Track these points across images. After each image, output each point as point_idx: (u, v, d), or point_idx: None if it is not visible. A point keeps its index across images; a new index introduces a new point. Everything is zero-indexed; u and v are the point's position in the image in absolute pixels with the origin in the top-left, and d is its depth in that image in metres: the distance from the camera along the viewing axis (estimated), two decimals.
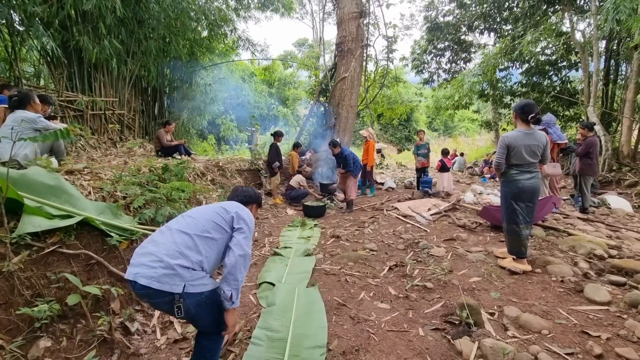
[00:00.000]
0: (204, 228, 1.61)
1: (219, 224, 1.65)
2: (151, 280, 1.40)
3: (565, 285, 2.75)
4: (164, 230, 1.62)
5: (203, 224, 1.63)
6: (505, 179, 3.12)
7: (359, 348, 2.14)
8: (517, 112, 3.05)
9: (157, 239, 1.56)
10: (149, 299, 1.49)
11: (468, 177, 11.18)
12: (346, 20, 8.76)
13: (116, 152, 6.37)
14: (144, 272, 1.42)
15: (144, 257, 1.47)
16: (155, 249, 1.49)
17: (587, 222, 4.77)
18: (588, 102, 9.41)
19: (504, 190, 3.15)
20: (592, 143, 5.21)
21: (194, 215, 1.69)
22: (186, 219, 1.67)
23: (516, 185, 3.01)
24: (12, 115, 3.09)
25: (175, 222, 1.68)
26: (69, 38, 6.11)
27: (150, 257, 1.46)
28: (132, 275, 1.43)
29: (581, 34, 10.71)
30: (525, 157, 2.97)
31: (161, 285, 1.40)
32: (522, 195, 3.00)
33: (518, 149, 2.97)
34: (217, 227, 1.64)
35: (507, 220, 3.15)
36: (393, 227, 4.90)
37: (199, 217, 1.67)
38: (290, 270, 3.33)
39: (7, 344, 1.63)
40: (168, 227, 1.64)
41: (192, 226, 1.61)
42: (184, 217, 1.70)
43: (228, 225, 1.67)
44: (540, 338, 2.11)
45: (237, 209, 1.74)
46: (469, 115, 26.08)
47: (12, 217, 2.00)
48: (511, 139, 2.99)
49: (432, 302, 2.67)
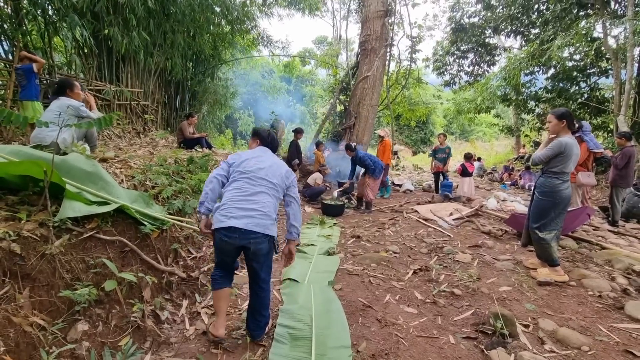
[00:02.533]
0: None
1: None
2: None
3: (604, 300, 2.63)
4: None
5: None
6: (549, 188, 2.99)
7: (389, 352, 2.09)
8: (567, 118, 2.92)
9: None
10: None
11: (487, 183, 10.93)
12: (371, 19, 8.66)
13: (140, 142, 6.48)
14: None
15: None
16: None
17: (619, 235, 4.58)
18: (618, 110, 9.04)
19: (545, 200, 3.02)
20: (631, 153, 4.98)
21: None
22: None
23: (560, 195, 2.92)
24: (56, 101, 3.17)
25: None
26: (100, 29, 6.24)
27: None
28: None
29: (614, 40, 10.30)
30: (571, 167, 2.90)
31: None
32: (562, 205, 2.91)
33: (570, 157, 2.87)
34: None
35: (542, 230, 3.04)
36: (414, 230, 4.82)
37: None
38: (314, 268, 3.30)
39: (48, 325, 1.65)
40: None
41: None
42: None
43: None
44: (581, 355, 2.02)
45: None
46: (488, 120, 25.53)
47: (53, 201, 2.04)
48: (569, 146, 2.86)
49: (462, 309, 2.59)
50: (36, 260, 1.74)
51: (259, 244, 1.95)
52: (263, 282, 2.10)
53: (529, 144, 14.80)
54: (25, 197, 2.01)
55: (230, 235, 1.92)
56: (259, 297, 2.11)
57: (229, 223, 1.91)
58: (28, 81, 4.09)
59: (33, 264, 1.72)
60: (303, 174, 7.89)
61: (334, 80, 11.89)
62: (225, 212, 1.96)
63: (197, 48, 8.72)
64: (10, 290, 1.60)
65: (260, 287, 2.10)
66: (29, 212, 1.89)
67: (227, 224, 1.91)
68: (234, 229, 1.91)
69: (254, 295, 2.12)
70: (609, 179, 5.21)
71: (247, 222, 1.92)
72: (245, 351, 2.06)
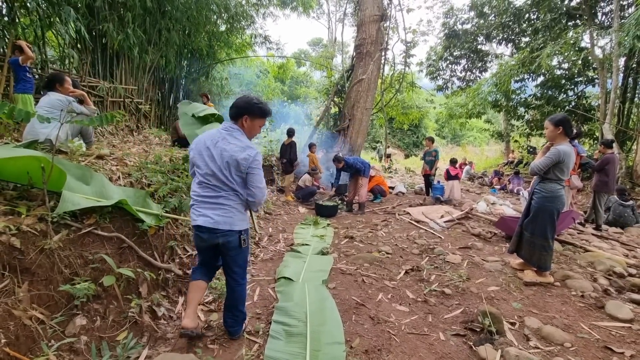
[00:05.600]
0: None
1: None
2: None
3: (586, 300, 2.75)
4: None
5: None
6: (550, 194, 2.99)
7: (381, 348, 2.16)
8: (564, 125, 2.91)
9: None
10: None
11: (478, 187, 11.15)
12: (367, 23, 8.78)
13: (134, 140, 6.44)
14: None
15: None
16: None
17: (602, 239, 4.75)
18: (604, 118, 9.35)
19: (547, 206, 3.01)
20: (609, 160, 5.19)
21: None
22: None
23: (560, 200, 2.98)
24: (45, 97, 3.14)
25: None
26: (94, 24, 6.19)
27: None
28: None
29: (601, 50, 10.66)
30: (567, 174, 2.97)
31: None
32: (561, 209, 3.00)
33: (567, 164, 2.91)
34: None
35: (543, 236, 3.05)
36: (406, 231, 4.91)
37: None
38: (309, 267, 3.35)
39: (47, 319, 1.67)
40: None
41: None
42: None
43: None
44: (563, 351, 2.12)
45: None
46: (479, 125, 25.96)
47: (52, 196, 2.04)
48: (567, 154, 2.88)
49: (451, 308, 2.68)
50: (35, 254, 1.76)
51: (227, 237, 1.94)
52: (237, 275, 2.09)
53: (518, 150, 15.14)
54: (24, 192, 2.01)
55: (199, 234, 1.95)
56: (235, 291, 2.11)
57: (197, 222, 1.92)
58: (16, 74, 4.05)
59: (32, 258, 1.74)
60: (297, 176, 7.92)
61: (329, 82, 11.99)
62: (194, 209, 1.97)
63: (192, 46, 8.71)
64: (9, 284, 1.61)
65: (235, 281, 2.09)
66: (28, 206, 1.90)
67: (196, 222, 1.93)
68: (202, 228, 1.92)
69: (230, 290, 2.12)
70: (592, 185, 5.41)
71: (212, 220, 1.90)
72: (241, 347, 2.09)
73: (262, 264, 3.55)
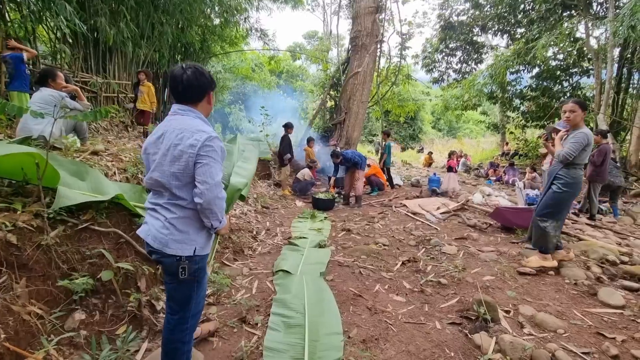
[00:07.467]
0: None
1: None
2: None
3: (579, 288, 2.81)
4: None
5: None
6: (573, 180, 2.94)
7: (379, 337, 2.19)
8: (584, 109, 2.91)
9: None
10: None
11: (474, 178, 11.21)
12: (362, 15, 8.71)
13: (128, 136, 6.39)
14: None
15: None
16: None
17: (596, 228, 4.82)
18: (598, 109, 9.40)
19: (567, 191, 2.96)
20: (606, 150, 5.23)
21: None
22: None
23: (579, 186, 2.98)
24: (38, 93, 3.11)
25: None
26: (86, 18, 6.08)
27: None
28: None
29: (596, 41, 10.67)
30: (587, 157, 2.97)
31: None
32: (577, 194, 3.04)
33: (590, 147, 2.91)
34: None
35: (557, 219, 3.06)
36: (403, 223, 4.95)
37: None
38: (306, 260, 3.37)
39: (46, 315, 1.68)
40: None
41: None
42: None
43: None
44: (556, 337, 2.17)
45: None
46: (475, 117, 26.01)
47: (47, 192, 2.04)
48: (590, 137, 2.87)
49: (447, 297, 2.72)
50: (32, 250, 1.76)
51: (160, 257, 1.45)
52: (172, 311, 1.53)
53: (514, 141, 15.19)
54: (19, 189, 2.00)
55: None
56: (165, 339, 1.55)
57: (139, 230, 1.54)
58: (17, 71, 3.98)
59: (29, 254, 1.74)
60: (294, 169, 7.93)
61: (325, 75, 11.92)
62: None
63: (186, 40, 8.59)
64: (7, 280, 1.62)
65: (168, 321, 1.54)
66: (23, 203, 1.90)
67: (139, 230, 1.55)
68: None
69: (164, 331, 1.57)
70: (587, 175, 5.45)
71: (147, 233, 1.46)
72: (240, 339, 2.12)
73: (260, 258, 3.57)
